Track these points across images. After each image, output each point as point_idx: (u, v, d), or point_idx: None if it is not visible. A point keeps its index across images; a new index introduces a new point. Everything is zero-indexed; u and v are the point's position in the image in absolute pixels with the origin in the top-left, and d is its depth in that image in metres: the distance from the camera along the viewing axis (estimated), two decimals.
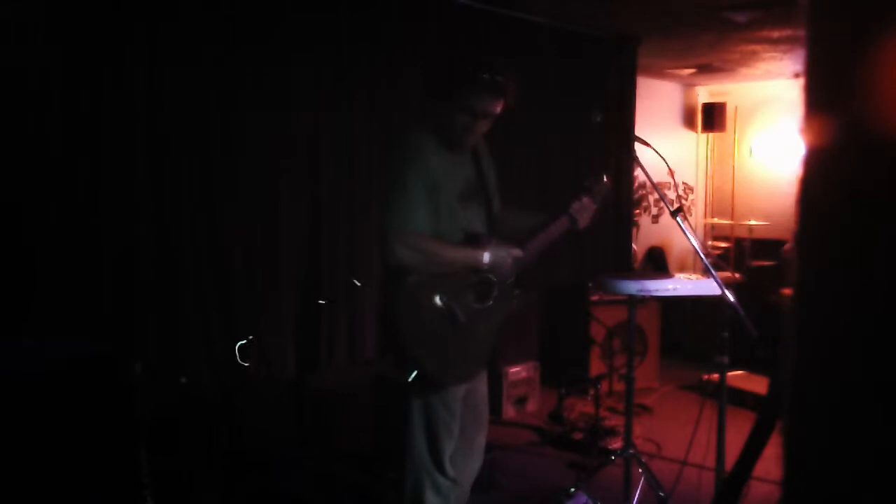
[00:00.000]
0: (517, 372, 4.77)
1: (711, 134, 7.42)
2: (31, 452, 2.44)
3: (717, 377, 2.83)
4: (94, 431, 2.55)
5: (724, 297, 2.60)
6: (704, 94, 7.61)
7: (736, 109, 7.29)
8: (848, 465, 0.64)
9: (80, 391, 2.56)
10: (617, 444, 4.04)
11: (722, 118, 7.13)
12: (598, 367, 5.12)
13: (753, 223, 6.26)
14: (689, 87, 7.58)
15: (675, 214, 2.70)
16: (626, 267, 5.81)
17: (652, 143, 2.81)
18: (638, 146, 2.86)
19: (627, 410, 3.34)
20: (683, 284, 3.33)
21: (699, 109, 7.37)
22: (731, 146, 7.39)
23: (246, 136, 3.69)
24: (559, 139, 5.17)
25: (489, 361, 2.65)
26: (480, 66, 2.31)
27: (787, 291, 0.70)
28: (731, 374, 3.14)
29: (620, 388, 5.03)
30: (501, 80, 2.31)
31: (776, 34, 5.21)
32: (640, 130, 3.73)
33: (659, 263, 6.94)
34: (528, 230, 2.60)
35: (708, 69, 6.58)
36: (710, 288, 2.84)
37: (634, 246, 6.33)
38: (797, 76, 0.65)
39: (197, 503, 3.11)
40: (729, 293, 2.61)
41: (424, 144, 2.36)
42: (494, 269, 2.43)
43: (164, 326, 3.45)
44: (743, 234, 6.53)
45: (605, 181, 2.70)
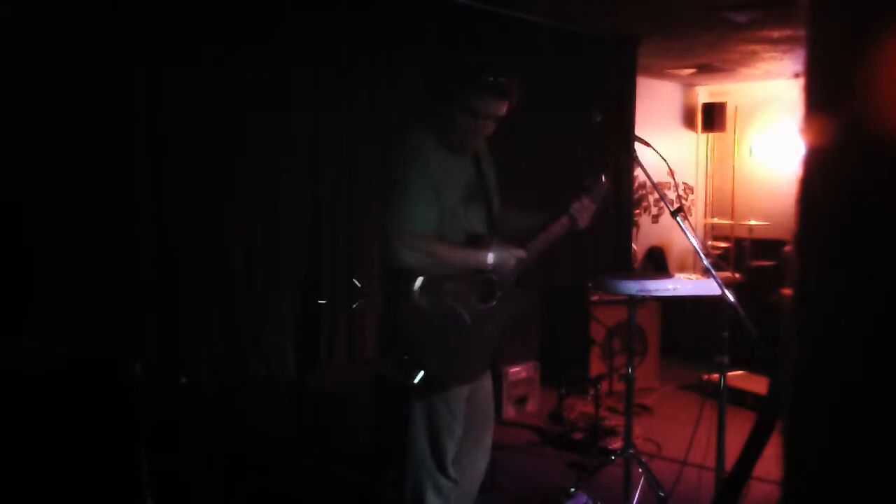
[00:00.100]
0: (517, 372, 4.77)
1: (711, 134, 7.42)
2: (31, 452, 2.44)
3: (717, 377, 2.83)
4: (94, 431, 2.55)
5: (724, 297, 2.60)
6: (704, 94, 7.61)
7: (736, 109, 7.29)
8: (848, 465, 0.64)
9: (80, 391, 2.56)
10: (617, 444, 4.04)
11: (722, 118, 7.13)
12: (598, 367, 5.13)
13: (753, 223, 6.26)
14: (689, 87, 7.58)
15: (675, 214, 2.70)
16: (626, 267, 5.80)
17: (652, 143, 2.81)
18: (638, 146, 2.86)
19: (627, 410, 3.34)
20: (683, 284, 3.33)
21: (699, 109, 7.37)
22: (731, 146, 7.39)
23: (246, 136, 3.69)
24: (559, 139, 5.17)
25: (492, 361, 2.65)
26: (483, 67, 2.31)
27: (787, 291, 0.70)
28: (731, 374, 3.14)
29: (620, 388, 5.03)
30: (504, 81, 2.31)
31: (776, 34, 5.21)
32: (640, 130, 3.73)
33: (659, 263, 6.94)
34: (527, 230, 2.60)
35: (708, 69, 6.58)
36: (710, 288, 2.84)
37: (634, 246, 6.33)
38: (797, 76, 0.65)
39: (197, 503, 3.11)
40: (729, 293, 2.61)
41: (425, 145, 2.36)
42: (498, 269, 2.43)
43: (164, 326, 3.45)
44: (743, 234, 6.53)
45: (603, 181, 2.71)
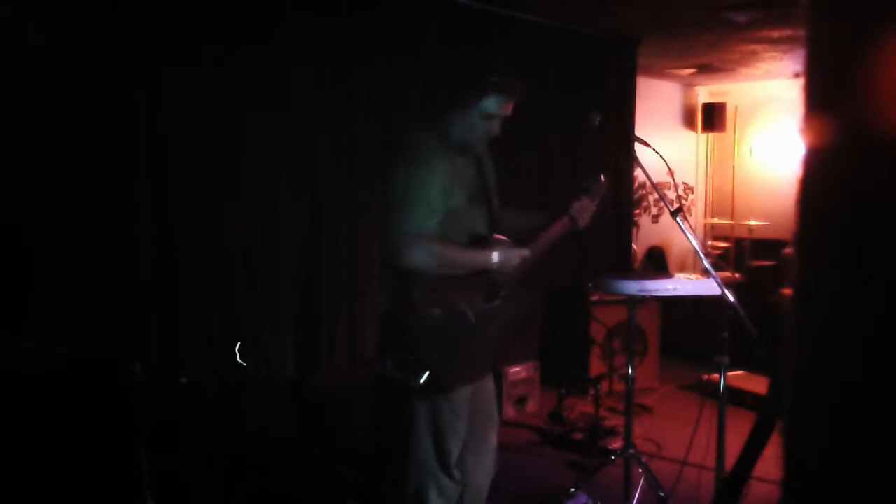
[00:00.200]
0: (517, 372, 4.77)
1: (711, 134, 7.42)
2: (31, 452, 2.44)
3: (717, 377, 2.83)
4: (94, 431, 2.55)
5: (724, 297, 2.60)
6: (704, 94, 7.61)
7: (736, 109, 7.29)
8: (848, 465, 0.64)
9: (80, 391, 2.56)
10: (617, 444, 4.04)
11: (722, 118, 7.13)
12: (598, 367, 5.12)
13: (753, 223, 6.26)
14: (689, 87, 7.58)
15: (675, 214, 2.70)
16: (626, 267, 5.80)
17: (652, 143, 2.81)
18: (638, 146, 2.87)
19: (627, 410, 3.34)
20: (683, 284, 3.33)
21: (699, 109, 7.37)
22: (731, 146, 7.39)
23: (246, 136, 3.68)
24: (559, 139, 5.17)
25: (495, 361, 2.66)
26: (490, 67, 2.36)
27: (787, 291, 0.70)
28: (731, 374, 3.14)
29: (620, 388, 5.03)
30: (511, 81, 2.36)
31: (776, 34, 5.21)
32: (640, 130, 3.73)
33: (659, 263, 6.94)
34: (526, 230, 2.61)
35: (708, 69, 6.58)
36: (710, 288, 2.84)
37: (634, 246, 6.32)
38: (797, 76, 0.65)
39: (197, 503, 3.10)
40: (729, 293, 2.61)
41: (432, 146, 2.38)
42: (502, 269, 2.44)
43: (164, 326, 3.45)
44: (743, 234, 6.53)
45: (602, 181, 2.74)
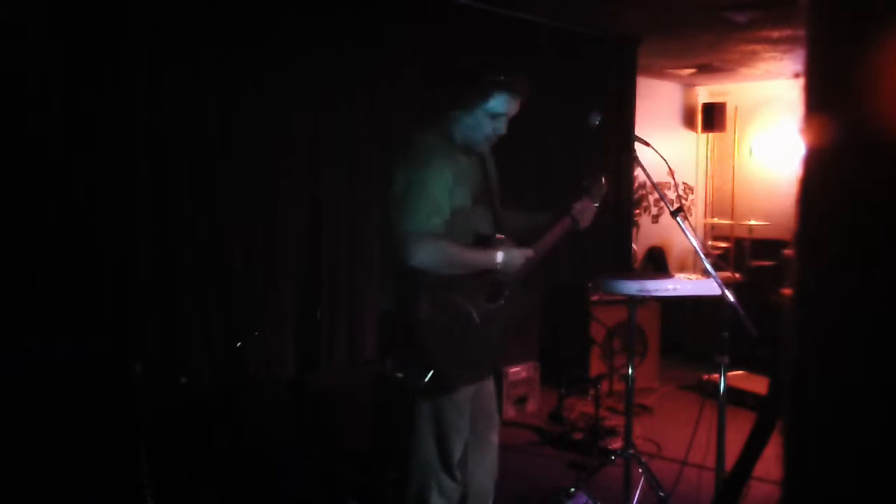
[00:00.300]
0: (517, 372, 4.77)
1: (711, 134, 7.42)
2: (31, 452, 2.44)
3: (717, 377, 2.83)
4: (94, 431, 2.55)
5: (724, 297, 2.60)
6: (704, 94, 7.61)
7: (736, 109, 7.29)
8: (848, 465, 0.64)
9: (80, 391, 2.56)
10: (617, 444, 4.04)
11: (722, 118, 7.13)
12: (598, 367, 5.12)
13: (753, 223, 6.26)
14: (689, 87, 7.58)
15: (675, 214, 2.70)
16: (626, 267, 5.80)
17: (652, 143, 2.81)
18: (638, 146, 2.87)
19: (627, 410, 3.34)
20: (683, 284, 3.33)
21: (699, 109, 7.37)
22: (731, 146, 7.39)
23: (246, 136, 3.69)
24: (559, 139, 5.17)
25: (498, 361, 2.67)
26: (498, 67, 2.37)
27: (787, 291, 0.70)
28: (731, 374, 3.14)
29: (620, 388, 5.03)
30: (519, 80, 2.38)
31: (776, 34, 5.21)
32: (640, 130, 3.73)
33: (659, 263, 6.94)
34: (527, 231, 2.62)
35: (708, 69, 6.58)
36: (710, 288, 2.84)
37: (634, 246, 6.32)
38: (797, 76, 0.65)
39: (197, 503, 3.10)
40: (729, 293, 2.61)
41: (438, 146, 2.38)
42: (506, 269, 2.45)
43: (164, 326, 3.45)
44: (743, 234, 6.53)
45: (603, 182, 2.77)
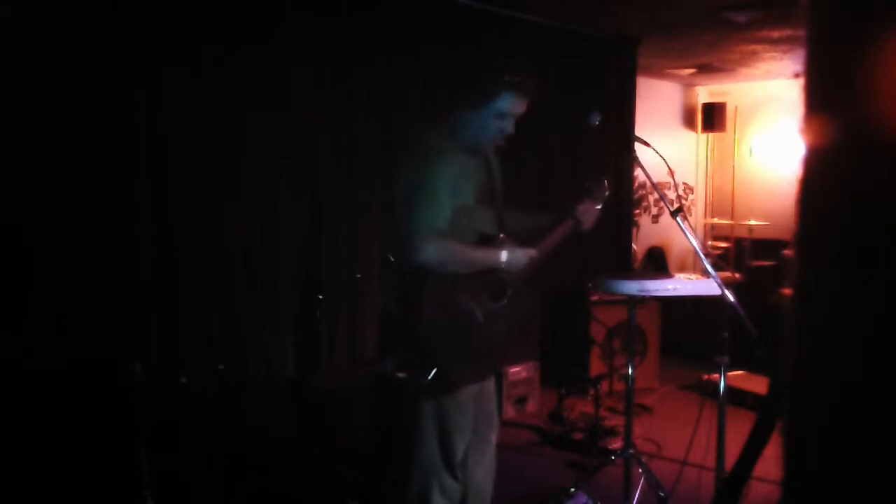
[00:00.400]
0: (517, 372, 4.77)
1: (711, 134, 7.42)
2: (31, 452, 2.44)
3: (717, 377, 2.83)
4: (94, 431, 2.55)
5: (724, 297, 2.60)
6: (704, 94, 7.61)
7: (736, 109, 7.29)
8: (848, 465, 0.64)
9: (80, 391, 2.56)
10: (617, 444, 4.04)
11: (722, 118, 7.13)
12: (598, 367, 5.12)
13: (753, 223, 6.26)
14: (689, 87, 7.58)
15: (675, 214, 2.70)
16: (626, 267, 5.80)
17: (652, 143, 2.81)
18: (638, 146, 2.87)
19: (627, 410, 3.34)
20: (683, 284, 3.33)
21: (699, 109, 7.37)
22: (731, 146, 7.39)
23: (246, 136, 3.68)
24: (559, 139, 5.17)
25: (499, 361, 2.68)
26: (506, 68, 2.39)
27: (787, 291, 0.70)
28: (731, 374, 3.14)
29: (620, 388, 5.03)
30: (526, 80, 2.39)
31: (776, 34, 5.21)
32: (640, 130, 3.73)
33: (659, 263, 6.94)
34: (530, 231, 2.62)
35: (708, 69, 6.58)
36: (710, 288, 2.84)
37: (634, 246, 6.32)
38: (797, 76, 0.65)
39: (197, 503, 3.10)
40: (729, 293, 2.61)
41: (445, 146, 2.39)
42: (510, 268, 2.45)
43: (164, 326, 3.45)
44: (743, 234, 6.53)
45: (606, 184, 2.78)
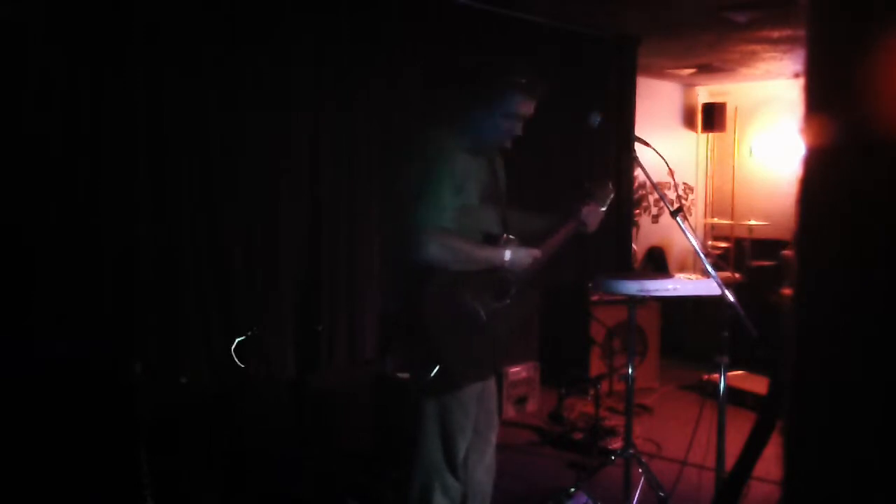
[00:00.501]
0: (517, 372, 4.77)
1: (711, 134, 7.42)
2: (31, 452, 2.44)
3: (717, 377, 2.83)
4: (94, 431, 2.55)
5: (724, 297, 2.60)
6: (704, 94, 7.61)
7: (736, 109, 7.29)
8: (848, 465, 0.64)
9: (80, 391, 2.56)
10: (617, 444, 4.04)
11: (722, 118, 7.13)
12: (598, 367, 5.12)
13: (753, 223, 6.26)
14: (689, 87, 7.58)
15: (675, 214, 2.70)
16: (626, 267, 5.80)
17: (652, 143, 2.81)
18: (638, 146, 2.87)
19: (627, 410, 3.33)
20: (683, 284, 3.33)
21: (699, 109, 7.37)
22: (731, 146, 7.39)
23: (246, 136, 3.69)
24: (559, 139, 5.17)
25: (501, 361, 2.68)
26: (516, 69, 2.40)
27: (787, 291, 0.70)
28: (731, 374, 3.14)
29: (620, 388, 5.03)
30: (536, 81, 2.40)
31: (776, 34, 5.21)
32: (640, 130, 3.73)
33: (659, 263, 6.94)
34: (531, 232, 2.63)
35: (708, 69, 6.58)
36: (710, 288, 2.84)
37: (634, 246, 6.32)
38: (797, 76, 0.65)
39: (197, 503, 3.10)
40: (729, 293, 2.61)
41: (452, 146, 2.40)
42: (513, 267, 2.46)
43: (164, 326, 3.45)
44: (743, 234, 6.53)
45: (610, 187, 2.81)
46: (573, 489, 3.31)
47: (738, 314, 2.57)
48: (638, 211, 6.80)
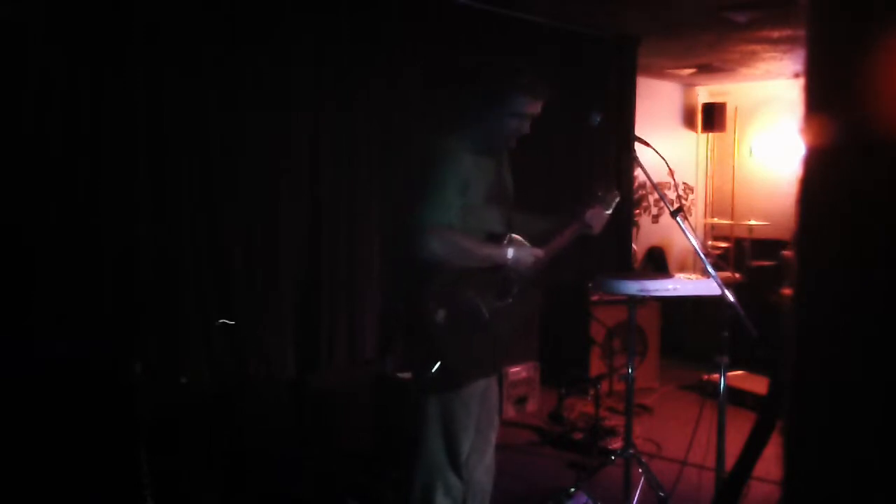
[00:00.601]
0: (517, 372, 4.77)
1: (711, 134, 7.42)
2: (31, 452, 2.44)
3: (717, 377, 2.83)
4: (94, 431, 2.55)
5: (724, 297, 2.60)
6: (704, 94, 7.61)
7: (736, 109, 7.29)
8: (848, 465, 0.64)
9: (80, 391, 2.56)
10: (617, 444, 4.04)
11: (722, 118, 7.13)
12: (598, 367, 5.12)
13: (753, 223, 6.26)
14: (689, 87, 7.58)
15: (675, 214, 2.70)
16: (626, 267, 5.80)
17: (652, 143, 2.82)
18: (638, 146, 2.87)
19: (627, 410, 3.34)
20: (683, 284, 3.33)
21: (699, 109, 7.37)
22: (731, 146, 7.39)
23: (246, 136, 3.69)
24: (559, 139, 5.17)
25: (502, 360, 2.68)
26: (523, 69, 2.42)
27: (787, 291, 0.70)
28: (731, 374, 3.14)
29: (620, 388, 5.03)
30: (542, 81, 2.42)
31: (776, 34, 5.21)
32: (640, 130, 3.73)
33: (659, 263, 6.94)
34: (536, 233, 2.63)
35: (708, 69, 6.58)
36: (710, 288, 2.84)
37: (634, 246, 6.32)
38: (797, 76, 0.65)
39: (197, 503, 3.10)
40: (729, 293, 2.61)
41: (459, 146, 2.41)
42: (516, 266, 2.47)
43: (164, 326, 3.45)
44: (743, 234, 6.53)
45: (615, 191, 2.84)
46: (573, 489, 3.31)
47: (738, 314, 2.57)
48: (638, 211, 6.80)
